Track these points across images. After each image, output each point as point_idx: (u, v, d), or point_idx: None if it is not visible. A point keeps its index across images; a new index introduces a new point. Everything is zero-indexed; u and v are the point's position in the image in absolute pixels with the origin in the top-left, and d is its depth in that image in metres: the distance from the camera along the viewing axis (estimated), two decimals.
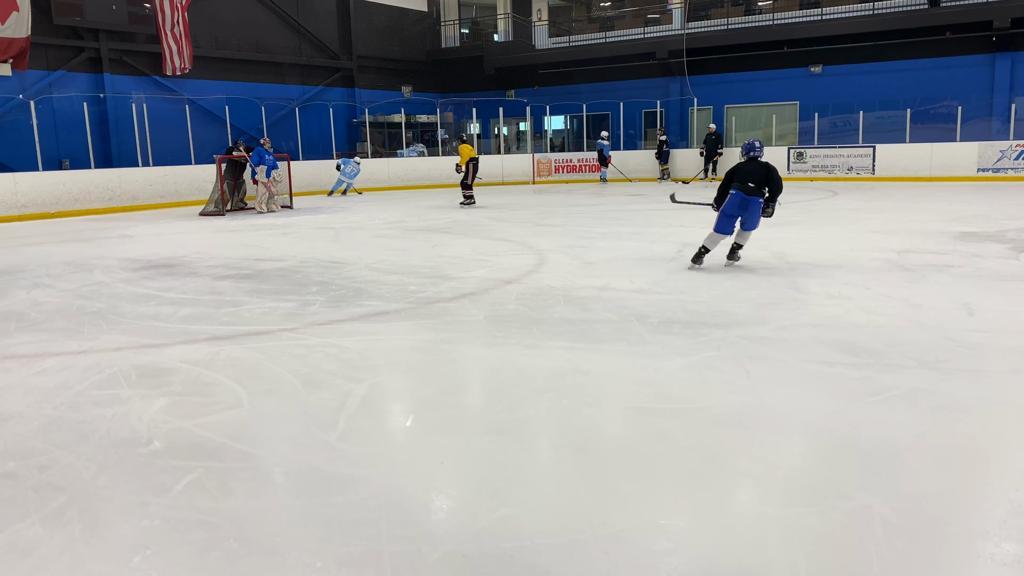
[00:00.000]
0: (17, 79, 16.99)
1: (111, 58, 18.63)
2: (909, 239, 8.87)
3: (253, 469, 3.22)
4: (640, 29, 24.39)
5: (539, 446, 3.52)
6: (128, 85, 18.96)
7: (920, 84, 19.86)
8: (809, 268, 7.29)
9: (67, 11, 17.48)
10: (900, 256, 7.78)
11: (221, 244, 10.43)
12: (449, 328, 5.51)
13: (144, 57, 19.31)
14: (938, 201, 13.44)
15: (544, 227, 11.50)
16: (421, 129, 25.33)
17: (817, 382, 4.09)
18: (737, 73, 22.45)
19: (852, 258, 7.76)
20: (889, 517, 2.66)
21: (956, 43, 19.45)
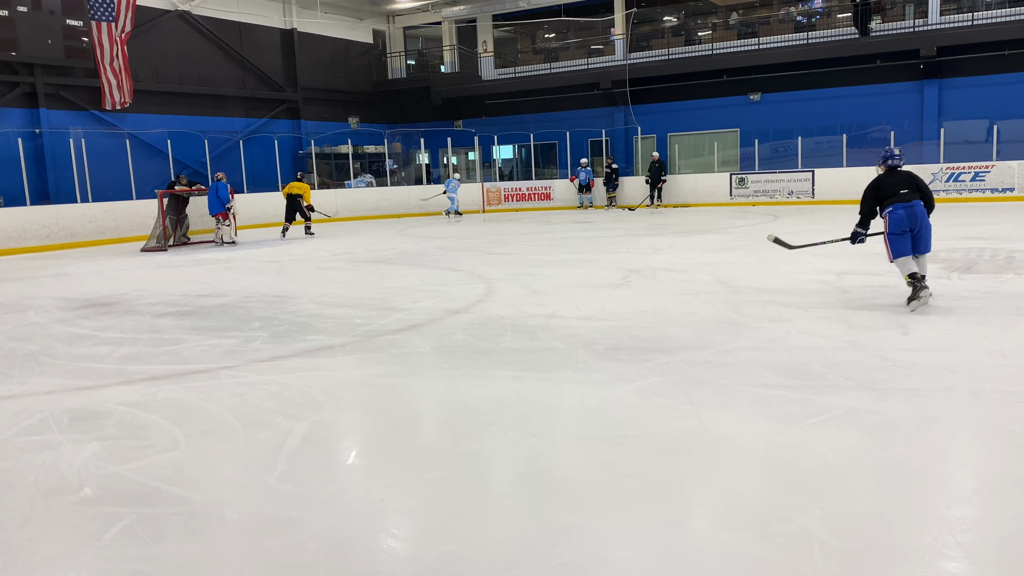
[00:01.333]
0: None
1: (47, 93, 18.23)
2: (847, 261, 9.10)
3: (188, 513, 3.13)
4: (584, 60, 24.81)
5: (484, 480, 3.49)
6: (65, 120, 18.55)
7: (855, 110, 20.56)
8: (751, 292, 7.42)
9: (1, 46, 17.08)
10: (839, 278, 7.97)
11: (163, 280, 10.21)
12: (395, 361, 5.46)
13: (82, 91, 18.95)
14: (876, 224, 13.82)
15: (494, 256, 11.53)
16: (369, 160, 25.28)
17: (758, 405, 4.15)
18: (679, 102, 22.96)
19: (792, 281, 7.92)
20: (827, 539, 2.69)
21: (886, 71, 20.20)
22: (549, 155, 25.18)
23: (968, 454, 3.52)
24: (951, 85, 19.77)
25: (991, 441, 3.60)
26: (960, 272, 8.01)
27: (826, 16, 22.64)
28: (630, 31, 23.74)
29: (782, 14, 23.31)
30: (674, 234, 13.73)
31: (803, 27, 22.41)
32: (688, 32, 24.31)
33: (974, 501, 3.03)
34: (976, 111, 19.20)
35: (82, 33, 18.42)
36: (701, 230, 14.22)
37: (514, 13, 25.42)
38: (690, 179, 21.69)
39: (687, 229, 14.61)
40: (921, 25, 20.08)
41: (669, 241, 12.51)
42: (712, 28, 23.93)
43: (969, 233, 11.49)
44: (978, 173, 17.91)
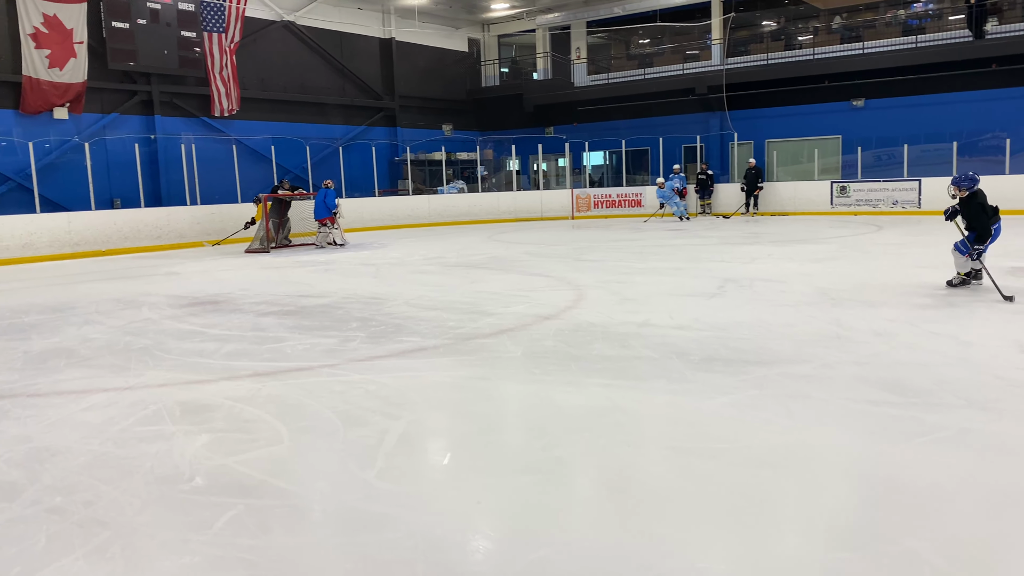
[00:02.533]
0: (73, 122, 17.64)
1: (162, 100, 19.26)
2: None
3: (291, 507, 3.25)
4: (679, 65, 24.49)
5: (577, 486, 3.49)
6: (178, 126, 19.55)
7: (966, 116, 19.55)
8: (853, 304, 7.16)
9: (121, 57, 18.16)
10: (948, 292, 7.61)
11: (265, 281, 10.63)
12: (487, 365, 5.52)
13: (193, 99, 19.93)
14: None
15: (583, 262, 11.51)
16: (461, 166, 25.67)
17: (861, 422, 4.00)
18: (778, 107, 22.38)
19: (898, 294, 7.61)
20: (938, 563, 2.58)
21: (1003, 75, 19.14)
22: (641, 161, 24.95)
23: None
24: None
25: None
26: None
27: (937, 18, 21.65)
28: (727, 36, 23.29)
29: (889, 17, 22.43)
30: (771, 243, 13.39)
31: (911, 30, 21.48)
32: (788, 36, 23.68)
33: None
34: None
35: (195, 44, 19.39)
36: (800, 239, 13.81)
37: (609, 19, 25.34)
38: (788, 187, 21.10)
39: (785, 238, 14.22)
40: None
41: (766, 250, 12.21)
42: (814, 32, 23.23)
43: None
44: None
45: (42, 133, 16.96)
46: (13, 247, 14.39)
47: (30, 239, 14.63)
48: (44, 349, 6.48)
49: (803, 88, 21.70)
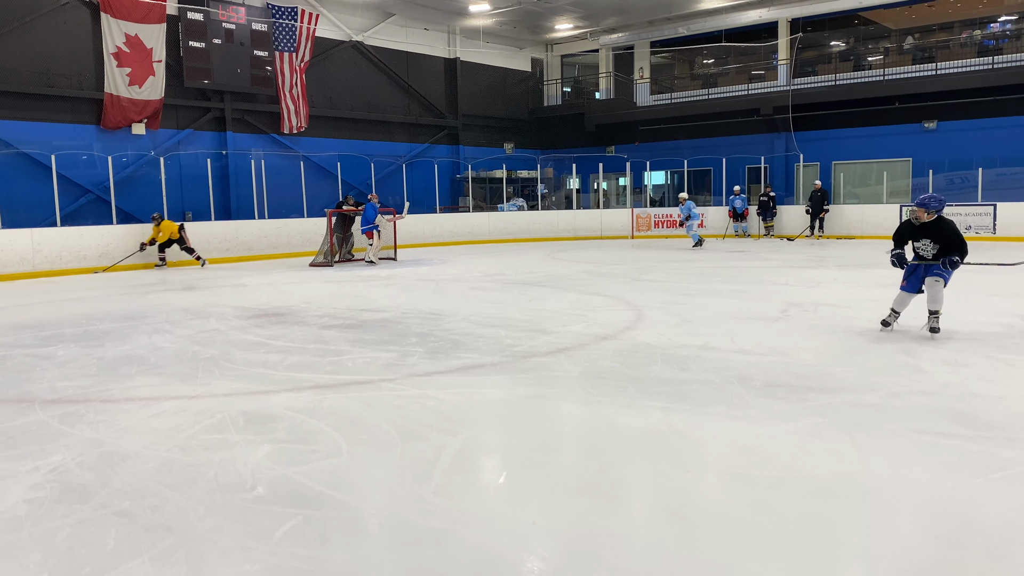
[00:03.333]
0: (149, 137, 18.34)
1: (234, 117, 19.88)
2: None
3: (349, 519, 3.29)
4: (744, 85, 24.23)
5: (634, 510, 3.45)
6: (248, 142, 20.15)
7: None
8: (922, 332, 6.94)
9: (197, 75, 18.84)
10: (1023, 321, 7.32)
11: (328, 294, 10.83)
12: (544, 383, 5.51)
13: (264, 116, 20.52)
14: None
15: (642, 283, 11.42)
16: (521, 184, 25.81)
17: (931, 454, 3.87)
18: (845, 129, 21.93)
19: (970, 323, 7.35)
20: None
21: None
22: (703, 181, 24.70)
23: None
24: None
25: None
26: None
27: (1015, 39, 20.98)
28: (794, 56, 22.96)
29: (963, 37, 21.81)
30: (837, 267, 13.08)
31: (988, 51, 20.86)
32: (857, 57, 23.22)
33: None
34: None
35: (266, 63, 19.99)
36: (867, 264, 13.46)
37: (673, 39, 25.25)
38: (855, 210, 20.61)
39: (851, 262, 13.89)
40: None
41: (832, 274, 11.93)
42: (884, 53, 22.74)
43: None
44: None
45: (120, 148, 17.68)
46: (90, 256, 14.98)
47: (106, 249, 15.21)
48: (116, 356, 6.71)
49: (872, 109, 21.24)
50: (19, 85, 16.41)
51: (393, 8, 22.41)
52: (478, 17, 23.42)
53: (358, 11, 22.24)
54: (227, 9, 19.12)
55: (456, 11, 22.73)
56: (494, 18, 23.71)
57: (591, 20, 24.63)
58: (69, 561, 2.93)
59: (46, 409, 5.02)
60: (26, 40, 16.49)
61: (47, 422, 4.73)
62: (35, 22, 16.53)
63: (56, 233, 14.82)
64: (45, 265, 14.39)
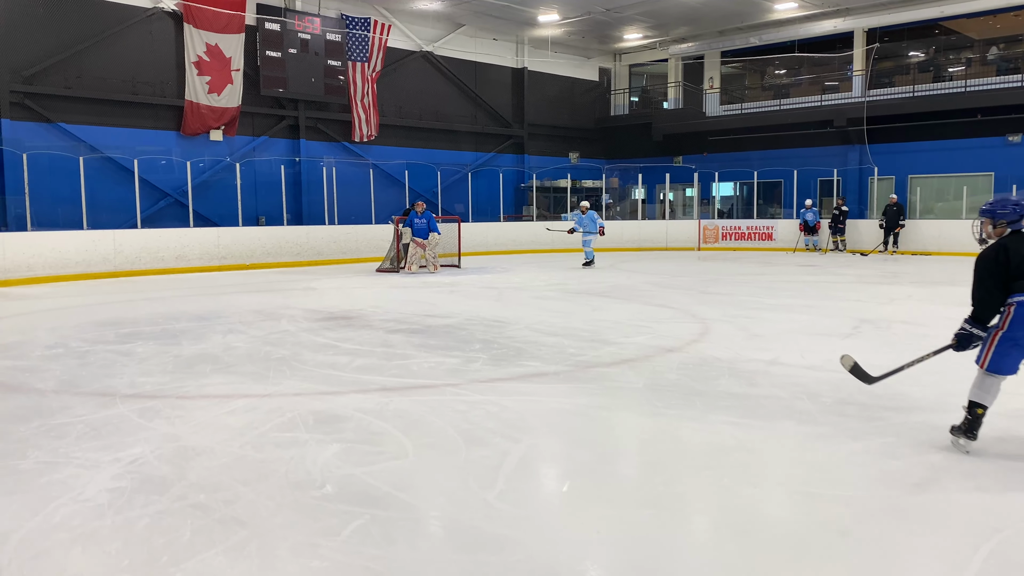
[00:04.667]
0: (226, 144, 18.95)
1: (307, 125, 20.39)
2: None
3: (415, 520, 3.34)
4: (817, 96, 23.73)
5: (698, 525, 3.41)
6: (320, 150, 20.63)
7: None
8: None
9: (273, 83, 19.39)
10: None
11: (394, 299, 11.00)
12: (607, 394, 5.49)
13: (335, 124, 20.99)
14: None
15: (709, 295, 11.27)
16: (586, 194, 25.74)
17: (1011, 480, 3.72)
18: (922, 142, 21.24)
19: None
20: None
21: None
22: (772, 193, 24.24)
23: None
24: None
25: None
26: None
27: None
28: (870, 67, 22.38)
29: None
30: (912, 284, 12.68)
31: None
32: (937, 68, 22.51)
33: None
34: None
35: (339, 72, 20.45)
36: (943, 281, 13.01)
37: (744, 49, 24.90)
38: (932, 225, 19.94)
39: (927, 279, 13.44)
40: None
41: (906, 291, 11.57)
42: (966, 63, 21.99)
43: None
44: None
45: (198, 153, 18.31)
46: (168, 258, 15.54)
47: (183, 251, 15.75)
48: (192, 354, 6.94)
49: (952, 122, 20.51)
50: (106, 92, 17.15)
51: (463, 19, 22.68)
52: (547, 27, 23.52)
53: (429, 22, 22.58)
54: (303, 20, 19.64)
55: (525, 21, 22.87)
56: (563, 28, 23.78)
57: (661, 30, 24.48)
58: (148, 550, 3.05)
59: (126, 403, 5.23)
60: (114, 50, 17.24)
61: (127, 416, 4.92)
62: (122, 32, 17.27)
63: (136, 235, 15.42)
64: (126, 265, 14.98)
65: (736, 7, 21.60)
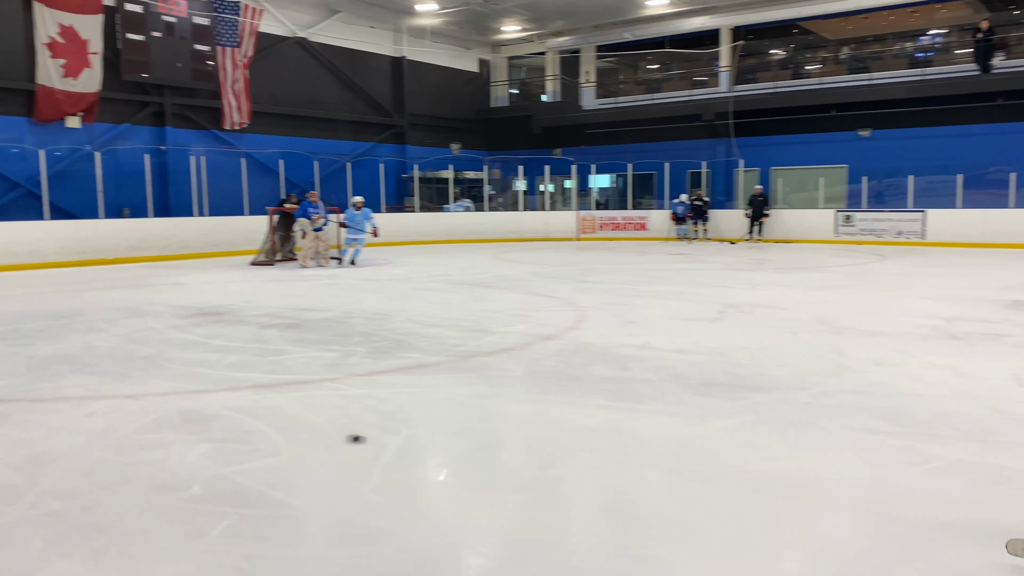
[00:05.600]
0: (85, 131, 17.81)
1: (174, 112, 19.44)
2: (959, 306, 8.70)
3: (288, 518, 3.26)
4: (687, 91, 24.68)
5: (574, 506, 3.50)
6: (188, 138, 19.72)
7: (972, 150, 19.64)
8: (854, 333, 7.18)
9: (135, 68, 18.36)
10: (949, 323, 7.62)
11: (269, 293, 10.68)
12: (487, 383, 5.54)
13: (205, 112, 20.11)
14: (991, 268, 13.17)
15: (586, 284, 11.54)
16: (468, 185, 25.81)
17: (858, 451, 4.01)
18: (784, 136, 22.51)
19: (899, 324, 7.62)
20: None
21: (1009, 110, 19.27)
22: (647, 185, 25.06)
23: None
24: None
25: None
26: None
27: (944, 52, 21.82)
28: (736, 63, 23.48)
29: (896, 49, 22.60)
30: (774, 270, 13.42)
31: (919, 63, 21.67)
32: (796, 66, 23.86)
33: None
34: None
35: (208, 57, 19.60)
36: (803, 267, 13.84)
37: (618, 44, 25.56)
38: (793, 214, 21.16)
39: (788, 265, 14.26)
40: None
41: (769, 277, 12.23)
42: (822, 62, 23.41)
43: None
44: None
45: (53, 141, 17.12)
46: (20, 253, 14.47)
47: (37, 245, 14.72)
48: (48, 355, 6.51)
49: (810, 117, 21.84)
50: None
51: (338, 5, 22.20)
52: (425, 16, 23.36)
53: (303, 7, 21.97)
54: (167, 2, 18.68)
55: (403, 10, 22.64)
56: (441, 18, 23.68)
57: (538, 23, 24.78)
58: None
59: None
60: None
61: None
62: None
63: None
64: None
65: (610, 2, 22.15)
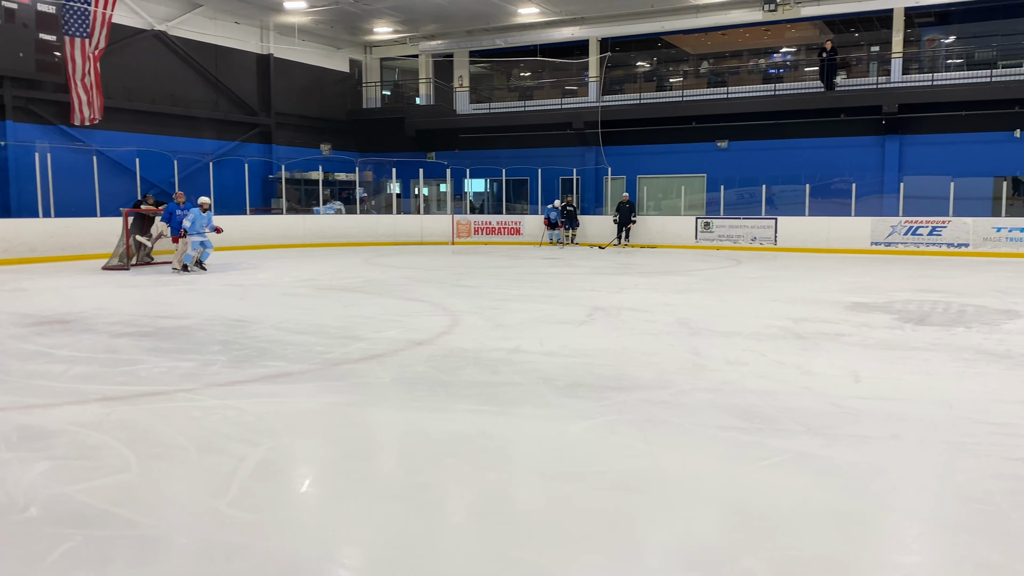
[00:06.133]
0: None
1: (15, 105, 18.01)
2: (805, 308, 9.30)
3: (136, 537, 3.09)
4: (558, 100, 25.21)
5: (439, 512, 3.49)
6: (33, 134, 18.32)
7: (818, 161, 21.10)
8: (710, 334, 7.54)
9: None
10: (796, 324, 8.14)
11: (123, 300, 10.08)
12: (355, 390, 5.45)
13: (51, 106, 18.75)
14: (834, 272, 14.17)
15: (460, 288, 11.57)
16: (339, 187, 25.30)
17: (711, 446, 4.21)
18: (649, 145, 23.40)
19: (751, 325, 8.07)
20: None
21: (850, 124, 20.82)
22: (520, 190, 25.42)
23: (913, 502, 3.60)
24: (911, 141, 20.41)
25: (934, 489, 3.70)
26: (914, 323, 8.22)
27: (794, 69, 23.32)
28: (603, 74, 24.19)
29: (751, 65, 23.97)
30: (639, 274, 13.91)
31: (771, 79, 23.05)
32: (660, 78, 24.86)
33: (915, 547, 3.11)
34: (935, 167, 19.81)
35: (54, 47, 18.31)
36: (666, 271, 14.42)
37: (491, 51, 25.79)
38: (657, 221, 22.03)
39: (652, 270, 14.81)
40: (884, 83, 20.77)
41: (634, 281, 12.67)
42: (683, 76, 24.49)
43: (924, 286, 11.81)
44: (935, 228, 18.44)
45: None
46: None
47: None
48: None
49: (673, 128, 22.81)
50: None
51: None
52: (293, 14, 22.75)
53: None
54: None
55: (270, 6, 21.96)
56: (310, 16, 23.13)
57: (410, 25, 24.64)
58: None
59: None
60: None
61: None
62: None
63: None
64: None
65: (482, 8, 22.30)
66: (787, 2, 20.79)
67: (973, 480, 3.71)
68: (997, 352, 6.70)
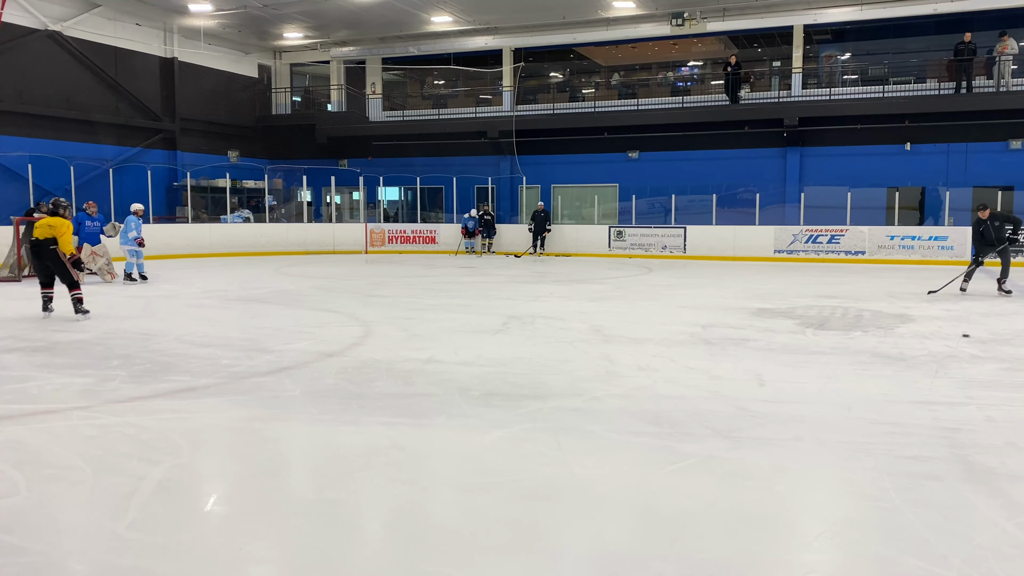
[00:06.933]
0: None
1: None
2: (713, 314, 9.57)
3: (25, 564, 2.91)
4: (472, 108, 25.27)
5: (349, 528, 3.42)
6: None
7: (724, 172, 21.81)
8: (623, 341, 7.67)
9: None
10: (704, 330, 8.36)
11: (12, 314, 9.54)
12: (262, 405, 5.29)
13: None
14: (740, 279, 14.64)
15: (373, 298, 11.42)
16: (248, 195, 24.65)
17: (624, 452, 4.27)
18: (563, 155, 23.70)
19: (661, 331, 8.25)
20: None
21: (754, 136, 21.61)
22: (436, 199, 25.33)
23: (813, 500, 3.74)
24: (811, 153, 21.34)
25: (833, 488, 3.85)
26: (814, 328, 8.56)
27: (700, 83, 24.05)
28: (517, 84, 24.39)
29: (660, 78, 24.59)
30: (554, 282, 14.04)
31: (679, 91, 23.71)
32: (572, 89, 25.23)
33: (816, 545, 3.22)
34: (833, 178, 20.76)
35: None
36: (580, 279, 14.61)
37: (404, 58, 25.65)
38: (571, 230, 22.31)
39: (567, 278, 14.98)
40: (785, 97, 21.66)
41: (549, 289, 12.78)
42: (595, 87, 24.93)
43: (824, 292, 12.33)
44: (834, 236, 19.30)
45: None
46: None
47: None
48: None
49: (585, 138, 23.17)
50: None
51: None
52: (199, 17, 22.09)
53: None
54: None
55: (173, 8, 21.26)
56: (216, 20, 22.50)
57: (321, 31, 24.28)
58: None
59: None
60: None
61: None
62: None
63: None
64: None
65: (395, 16, 22.17)
66: (694, 17, 21.45)
67: (869, 478, 3.88)
68: (891, 355, 7.04)
